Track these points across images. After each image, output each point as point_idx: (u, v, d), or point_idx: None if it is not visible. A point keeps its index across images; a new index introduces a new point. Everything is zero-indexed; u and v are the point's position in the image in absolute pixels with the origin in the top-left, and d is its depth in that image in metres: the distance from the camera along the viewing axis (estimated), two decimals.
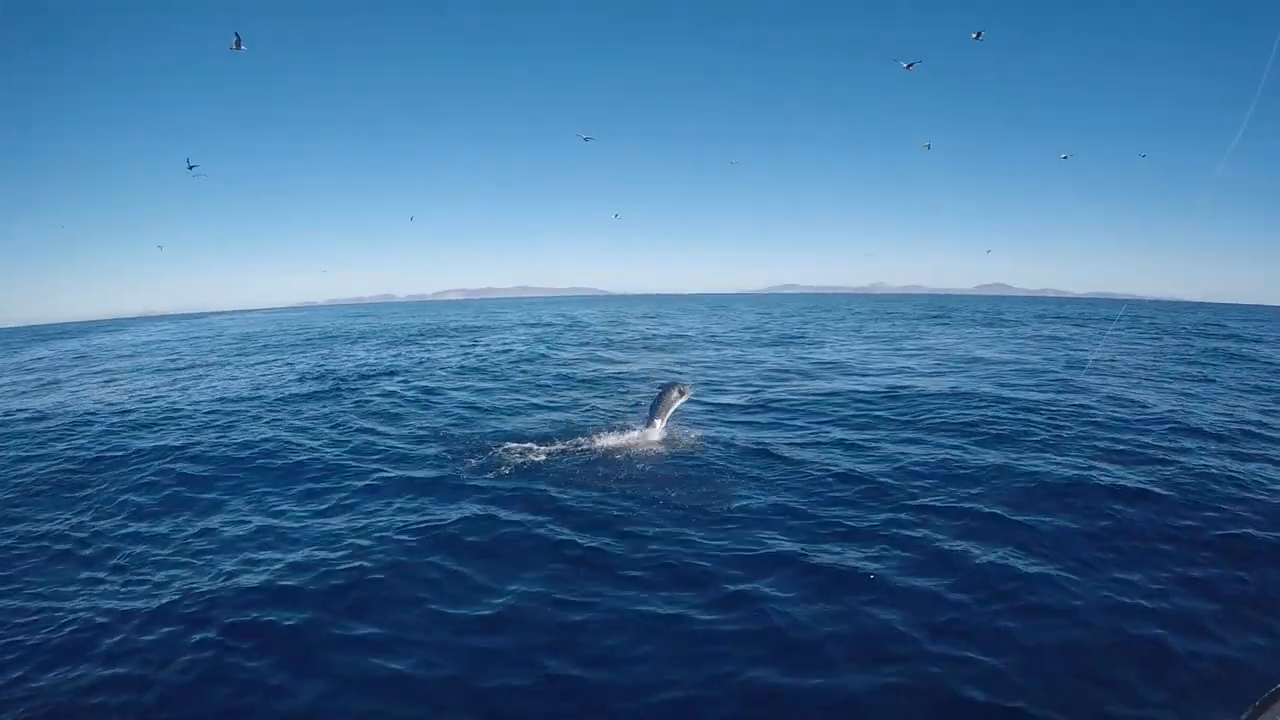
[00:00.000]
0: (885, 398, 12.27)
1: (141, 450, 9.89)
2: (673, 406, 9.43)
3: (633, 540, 5.98)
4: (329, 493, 7.74)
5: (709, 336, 28.17)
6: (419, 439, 9.90)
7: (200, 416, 12.35)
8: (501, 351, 22.53)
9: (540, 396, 13.37)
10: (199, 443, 10.12)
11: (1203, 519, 6.34)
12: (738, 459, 8.34)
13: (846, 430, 9.89)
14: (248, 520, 7.00)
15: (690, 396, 9.70)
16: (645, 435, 9.09)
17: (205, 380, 18.08)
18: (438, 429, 10.52)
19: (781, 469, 7.96)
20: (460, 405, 12.59)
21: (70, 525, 7.17)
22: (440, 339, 29.85)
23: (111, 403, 14.61)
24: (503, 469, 8.04)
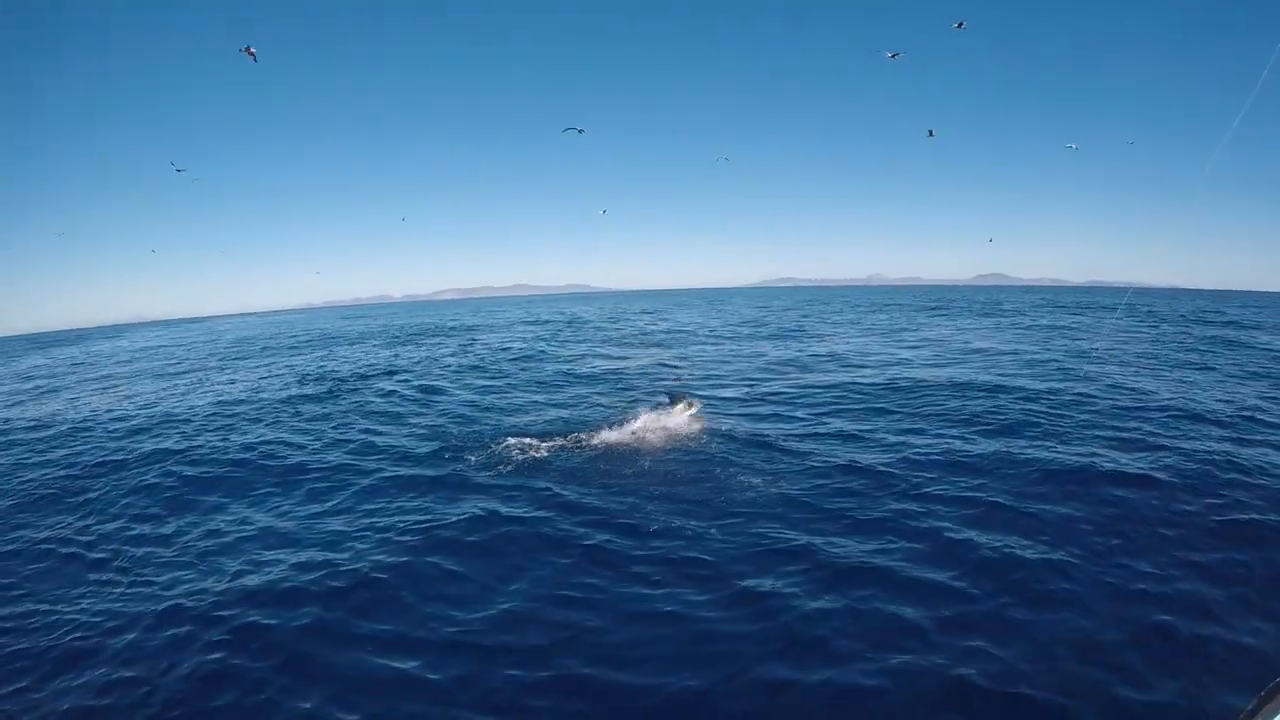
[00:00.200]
0: (886, 389, 12.27)
1: (143, 455, 9.86)
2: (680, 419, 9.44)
3: (637, 536, 5.97)
4: (331, 493, 7.73)
5: (708, 331, 28.16)
6: (420, 438, 9.88)
7: (200, 420, 12.33)
8: (501, 349, 22.51)
9: (541, 394, 13.35)
10: (200, 446, 10.11)
11: (1205, 505, 6.35)
12: (740, 452, 8.33)
13: (848, 422, 9.88)
14: (251, 522, 6.98)
15: (698, 411, 9.67)
16: (647, 431, 9.07)
17: (205, 384, 18.06)
18: (439, 428, 10.50)
19: (784, 462, 7.95)
20: (461, 404, 12.57)
21: (74, 530, 7.16)
22: (438, 338, 29.81)
23: (111, 408, 14.59)
24: (505, 467, 8.02)
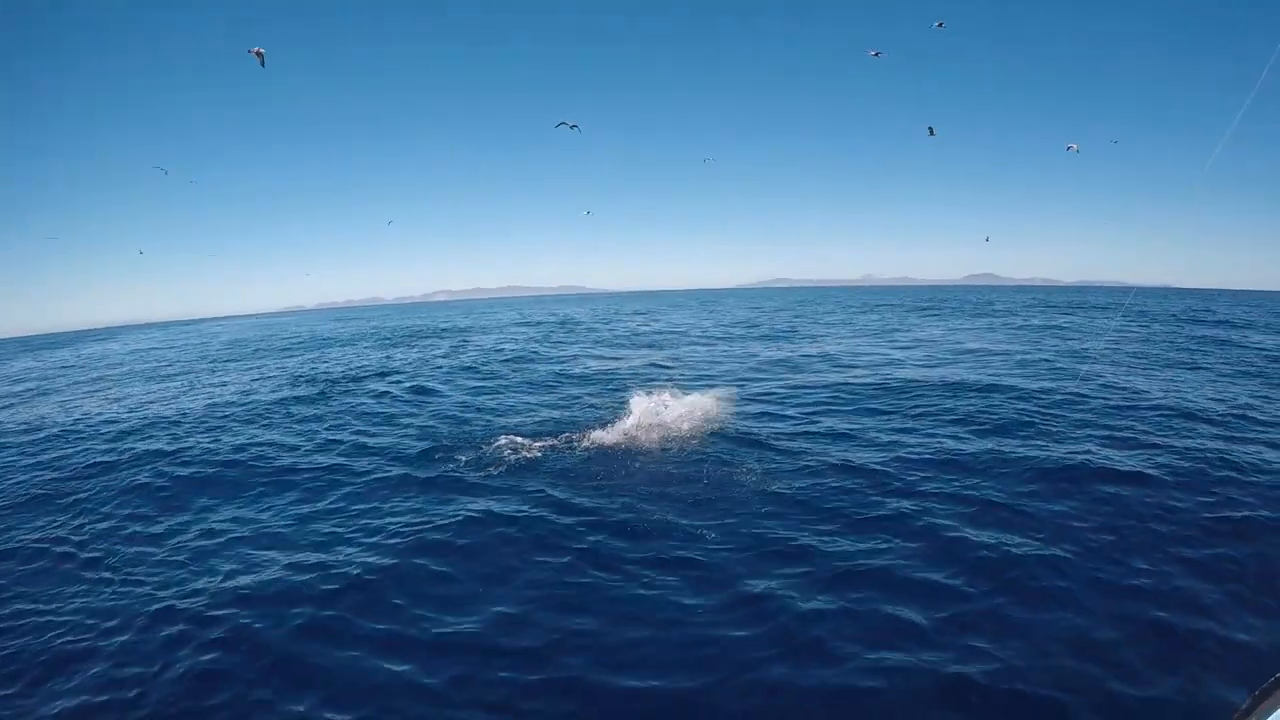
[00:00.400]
0: (879, 389, 12.29)
1: (134, 456, 9.77)
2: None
3: (630, 536, 5.95)
4: (324, 494, 7.66)
5: (701, 332, 28.16)
6: (413, 439, 9.82)
7: (192, 422, 12.22)
8: (493, 351, 22.44)
9: (533, 395, 13.30)
10: (191, 447, 10.01)
11: (1199, 502, 6.38)
12: (734, 453, 8.32)
13: (841, 421, 9.89)
14: (243, 523, 6.92)
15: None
16: (639, 431, 9.04)
17: (196, 386, 17.92)
18: (431, 429, 10.45)
19: (777, 461, 7.94)
20: (453, 405, 12.51)
21: (65, 531, 7.08)
22: (431, 340, 29.69)
23: (102, 411, 14.45)
24: (498, 468, 7.98)
